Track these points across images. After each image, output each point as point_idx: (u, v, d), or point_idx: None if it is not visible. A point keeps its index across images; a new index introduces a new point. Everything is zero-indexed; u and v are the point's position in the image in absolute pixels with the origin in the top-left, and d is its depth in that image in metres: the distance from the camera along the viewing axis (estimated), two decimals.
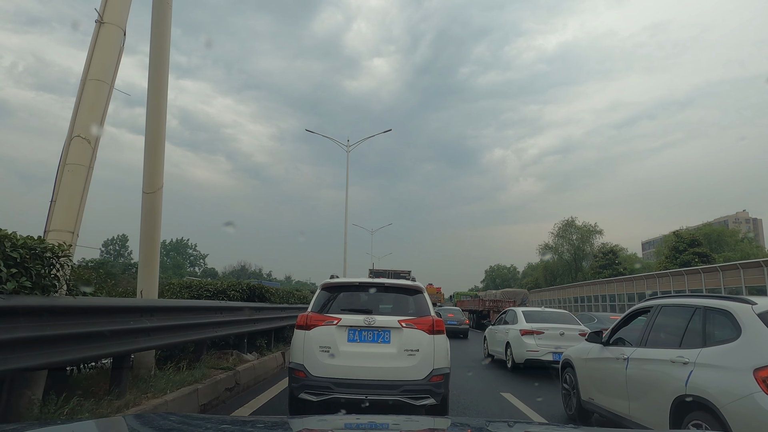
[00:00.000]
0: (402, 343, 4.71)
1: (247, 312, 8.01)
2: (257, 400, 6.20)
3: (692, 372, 3.61)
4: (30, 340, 3.16)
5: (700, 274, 28.31)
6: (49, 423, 2.27)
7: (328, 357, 4.64)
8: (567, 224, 58.00)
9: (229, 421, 2.03)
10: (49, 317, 3.37)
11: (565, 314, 11.40)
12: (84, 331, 3.74)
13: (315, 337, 4.72)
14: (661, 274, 31.94)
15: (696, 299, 4.17)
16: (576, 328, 10.18)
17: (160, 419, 1.81)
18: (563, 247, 58.08)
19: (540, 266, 63.64)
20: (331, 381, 4.56)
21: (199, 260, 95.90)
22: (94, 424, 1.87)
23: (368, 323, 4.74)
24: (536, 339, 9.81)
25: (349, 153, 26.46)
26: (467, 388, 8.01)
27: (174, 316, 5.46)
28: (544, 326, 10.01)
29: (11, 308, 3.00)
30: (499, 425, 2.20)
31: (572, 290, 45.57)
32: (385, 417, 2.71)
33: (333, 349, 4.67)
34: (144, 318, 4.75)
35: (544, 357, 9.60)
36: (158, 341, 5.08)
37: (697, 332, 3.87)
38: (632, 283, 35.02)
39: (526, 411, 6.38)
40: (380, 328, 4.75)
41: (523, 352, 9.82)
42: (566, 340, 9.60)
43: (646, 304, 4.90)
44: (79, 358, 3.89)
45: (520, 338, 9.95)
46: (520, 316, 10.66)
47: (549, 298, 51.98)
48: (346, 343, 4.71)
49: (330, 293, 5.17)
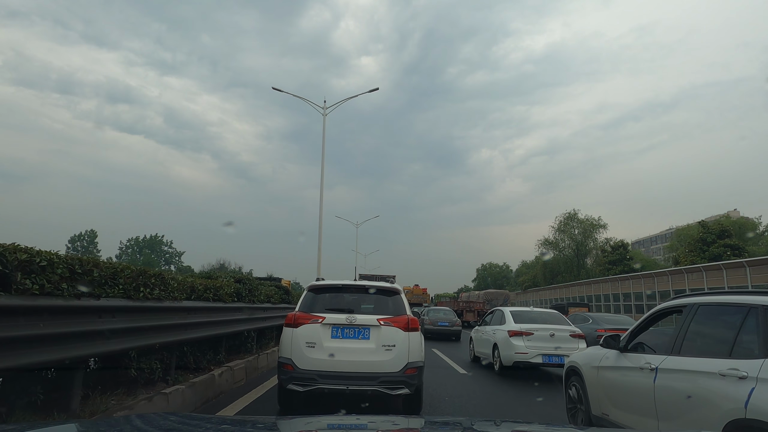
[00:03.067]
0: (380, 339, 5.34)
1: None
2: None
3: (754, 390, 2.91)
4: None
5: (722, 270, 25.94)
6: (49, 423, 2.35)
7: (314, 351, 5.26)
8: (569, 218, 55.73)
9: (229, 421, 2.25)
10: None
11: (554, 314, 11.19)
12: None
13: (302, 333, 5.34)
14: (692, 269, 28.98)
15: (747, 297, 3.48)
16: (567, 329, 10.02)
17: (160, 419, 1.92)
18: (564, 243, 55.64)
19: (539, 263, 61.11)
20: (316, 373, 5.18)
21: (174, 258, 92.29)
22: (94, 424, 2.05)
23: (350, 321, 5.38)
24: (525, 340, 9.66)
25: (326, 117, 23.54)
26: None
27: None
28: (533, 327, 9.86)
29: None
30: (484, 424, 2.27)
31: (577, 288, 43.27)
32: (369, 417, 3.13)
33: (318, 345, 5.28)
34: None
35: (534, 359, 9.49)
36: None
37: (754, 338, 3.20)
38: (653, 279, 32.28)
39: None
40: (360, 325, 5.38)
41: (511, 354, 9.64)
42: (557, 341, 9.62)
43: (675, 302, 4.29)
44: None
45: (508, 340, 9.78)
46: (508, 316, 10.47)
47: (549, 298, 49.72)
48: (329, 339, 5.33)
49: (316, 294, 5.78)
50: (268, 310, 9.80)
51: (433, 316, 21.18)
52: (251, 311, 8.64)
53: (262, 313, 9.31)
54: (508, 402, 7.51)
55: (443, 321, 20.65)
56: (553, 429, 2.69)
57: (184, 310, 5.79)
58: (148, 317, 4.86)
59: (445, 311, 22.71)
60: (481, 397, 7.74)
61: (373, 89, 23.89)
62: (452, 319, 21.23)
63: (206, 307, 6.54)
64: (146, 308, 4.83)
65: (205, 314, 6.49)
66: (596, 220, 54.63)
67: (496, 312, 11.56)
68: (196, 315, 6.15)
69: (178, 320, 5.56)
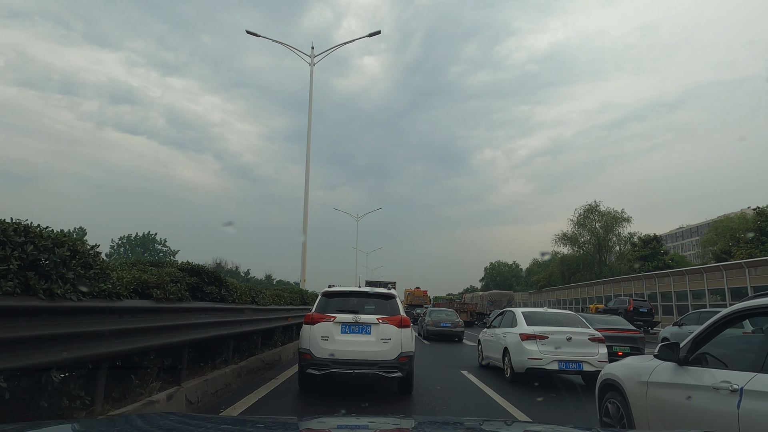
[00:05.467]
0: (379, 333, 6.98)
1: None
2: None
3: None
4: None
5: (745, 269, 22.13)
6: (49, 423, 2.32)
7: (327, 343, 6.88)
8: (589, 210, 51.64)
9: (229, 421, 2.34)
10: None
11: (571, 316, 10.52)
12: None
13: (317, 329, 6.98)
14: (754, 263, 24.90)
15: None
16: (585, 331, 9.24)
17: (161, 419, 1.94)
18: (584, 237, 51.21)
19: (555, 260, 56.73)
20: (329, 360, 6.81)
21: (168, 256, 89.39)
22: (94, 424, 2.05)
23: (355, 320, 7.04)
24: (539, 345, 8.90)
25: (314, 67, 20.58)
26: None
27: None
28: (548, 330, 9.11)
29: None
30: (494, 423, 2.35)
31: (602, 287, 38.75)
32: (370, 417, 3.16)
33: (330, 338, 6.92)
34: None
35: (549, 366, 8.75)
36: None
37: None
38: (700, 276, 28.06)
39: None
40: (363, 323, 7.04)
41: (523, 360, 8.92)
42: (574, 345, 8.88)
43: (756, 302, 3.25)
44: None
45: (521, 344, 9.06)
46: (520, 318, 9.82)
47: (567, 298, 45.49)
48: (339, 334, 6.98)
49: (328, 298, 7.52)
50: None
51: (436, 317, 21.57)
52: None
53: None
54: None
55: (445, 322, 20.96)
56: (562, 430, 2.59)
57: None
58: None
59: (447, 312, 23.08)
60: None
61: (375, 33, 20.48)
62: (454, 320, 21.49)
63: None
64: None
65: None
66: (619, 213, 50.55)
67: (506, 313, 11.01)
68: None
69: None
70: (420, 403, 6.95)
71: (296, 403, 6.72)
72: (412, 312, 34.28)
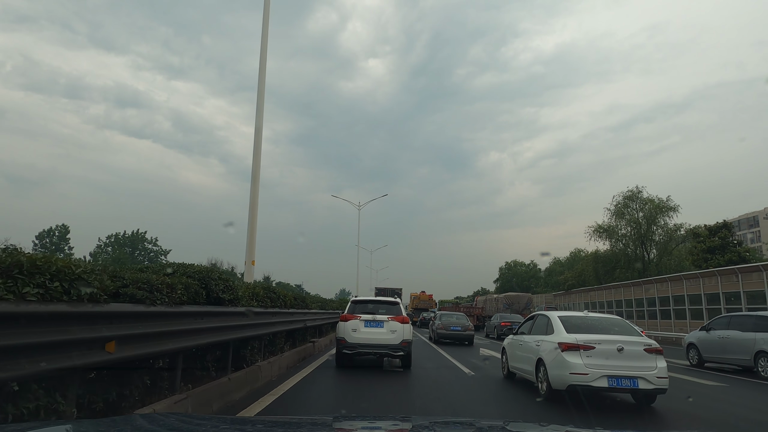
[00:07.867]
0: (389, 327, 11.28)
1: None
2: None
3: None
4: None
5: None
6: (49, 423, 2.36)
7: (355, 334, 11.19)
8: (629, 198, 45.77)
9: (229, 421, 2.37)
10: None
11: (617, 321, 8.91)
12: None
13: (349, 324, 11.31)
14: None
15: None
16: (639, 341, 7.91)
17: (164, 418, 2.00)
18: (624, 230, 45.31)
19: (587, 257, 51.07)
20: (357, 344, 11.14)
21: (159, 256, 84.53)
22: (96, 424, 1.99)
23: (373, 318, 11.39)
24: (584, 357, 7.60)
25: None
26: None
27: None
28: (593, 338, 7.77)
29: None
30: (492, 424, 2.40)
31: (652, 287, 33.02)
32: (377, 418, 3.35)
33: (357, 330, 11.22)
34: None
35: (596, 383, 7.44)
36: None
37: None
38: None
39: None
40: (379, 320, 11.36)
41: (564, 375, 7.68)
42: (626, 358, 7.56)
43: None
44: None
45: (561, 356, 7.82)
46: (557, 323, 8.57)
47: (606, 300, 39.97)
48: (363, 328, 11.25)
49: (355, 304, 12.04)
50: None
51: (446, 321, 22.21)
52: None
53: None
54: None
55: (456, 325, 21.69)
56: (562, 430, 2.68)
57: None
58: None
59: (457, 316, 23.80)
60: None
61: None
62: (465, 323, 22.13)
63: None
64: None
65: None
66: (664, 201, 44.44)
67: (538, 318, 9.83)
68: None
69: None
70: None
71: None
72: (418, 314, 42.43)
